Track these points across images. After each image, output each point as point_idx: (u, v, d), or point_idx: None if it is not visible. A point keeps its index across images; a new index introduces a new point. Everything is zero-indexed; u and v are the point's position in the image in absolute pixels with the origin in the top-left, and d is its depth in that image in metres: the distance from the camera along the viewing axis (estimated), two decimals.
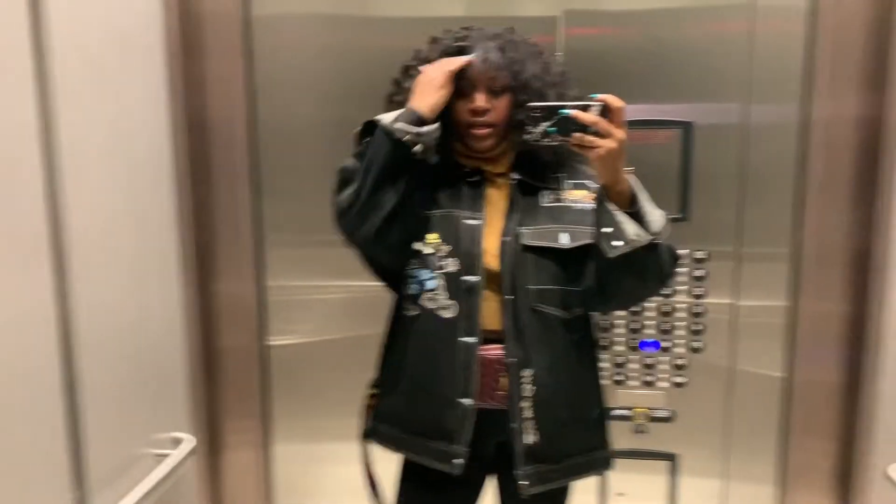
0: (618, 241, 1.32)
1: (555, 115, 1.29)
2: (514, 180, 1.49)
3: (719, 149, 1.89)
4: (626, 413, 2.01)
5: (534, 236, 1.45)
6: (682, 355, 1.98)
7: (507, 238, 1.45)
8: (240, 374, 2.11)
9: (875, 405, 1.80)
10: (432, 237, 1.47)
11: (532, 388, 1.44)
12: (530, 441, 1.45)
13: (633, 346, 1.99)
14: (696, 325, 1.96)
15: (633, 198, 1.35)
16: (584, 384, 1.53)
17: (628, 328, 1.98)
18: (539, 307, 1.45)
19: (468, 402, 1.45)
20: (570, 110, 1.28)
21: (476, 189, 1.49)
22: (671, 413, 2.00)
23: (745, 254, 1.93)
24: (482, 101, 1.43)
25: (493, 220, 1.48)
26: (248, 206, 2.02)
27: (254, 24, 1.96)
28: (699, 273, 1.94)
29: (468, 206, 1.47)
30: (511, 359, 1.44)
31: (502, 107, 1.45)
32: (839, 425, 1.94)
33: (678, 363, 1.98)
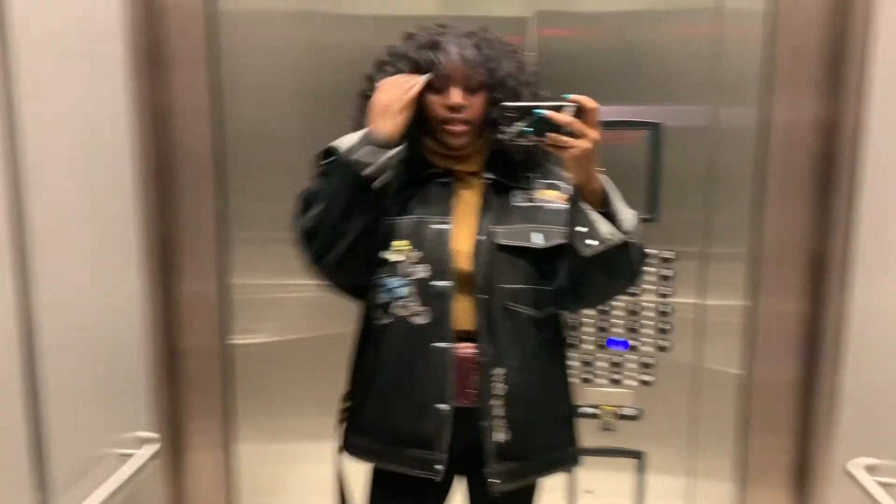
0: (592, 241, 1.33)
1: (529, 115, 1.30)
2: (488, 180, 1.49)
3: (687, 150, 1.92)
4: (594, 411, 2.03)
5: (507, 236, 1.45)
6: (649, 354, 2.00)
7: (481, 237, 1.45)
8: (203, 374, 2.08)
9: (835, 402, 1.84)
10: (401, 244, 1.45)
11: (503, 386, 1.44)
12: (501, 439, 1.45)
13: (602, 344, 2.01)
14: (663, 324, 1.99)
15: (605, 197, 1.36)
16: (554, 382, 1.54)
17: (597, 327, 2.00)
18: (512, 306, 1.45)
19: (445, 407, 1.45)
20: (545, 111, 1.29)
21: (446, 190, 1.49)
22: (638, 411, 2.02)
23: (711, 254, 1.96)
24: (458, 98, 1.43)
25: (465, 220, 1.47)
26: (211, 203, 2.00)
27: (220, 20, 1.94)
28: (666, 273, 1.97)
29: (437, 210, 1.46)
30: (483, 358, 1.44)
31: (478, 104, 1.45)
32: (797, 422, 1.98)
33: (645, 362, 2.00)
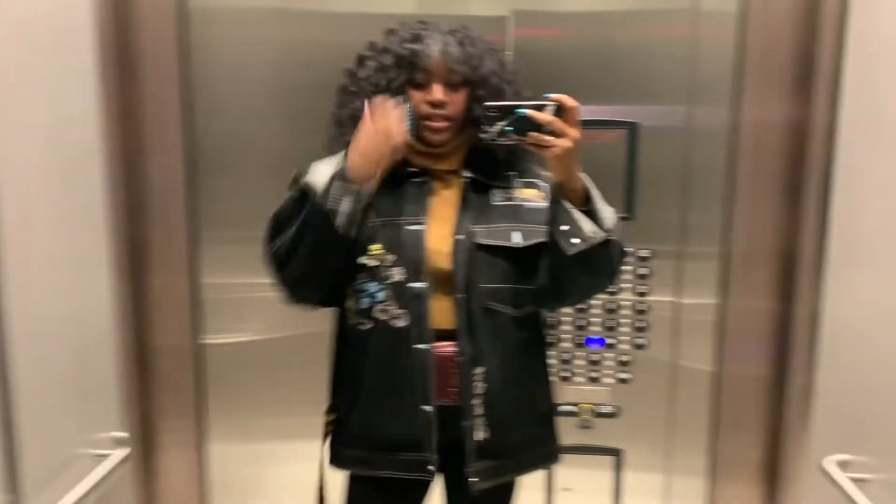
0: (576, 239, 1.34)
1: (511, 114, 1.30)
2: (467, 178, 1.49)
3: (663, 150, 1.93)
4: (572, 409, 2.04)
5: (487, 235, 1.45)
6: (626, 352, 2.02)
7: (460, 237, 1.44)
8: (174, 374, 2.06)
9: (807, 399, 1.87)
10: (375, 248, 1.44)
11: (483, 385, 1.45)
12: (481, 437, 1.46)
13: (580, 342, 2.02)
14: (640, 322, 2.00)
15: (586, 196, 1.37)
16: (534, 381, 1.55)
17: (575, 325, 2.01)
18: (491, 305, 1.46)
19: (429, 408, 1.45)
20: (526, 110, 1.29)
21: (421, 189, 1.48)
22: (616, 409, 2.04)
23: (686, 252, 1.98)
24: (440, 94, 1.42)
25: (442, 219, 1.47)
26: (182, 201, 1.98)
27: (191, 17, 1.92)
28: (643, 271, 1.99)
29: (411, 210, 1.46)
30: (463, 357, 1.44)
31: (459, 101, 1.45)
32: (768, 418, 2.00)
33: (622, 360, 2.02)
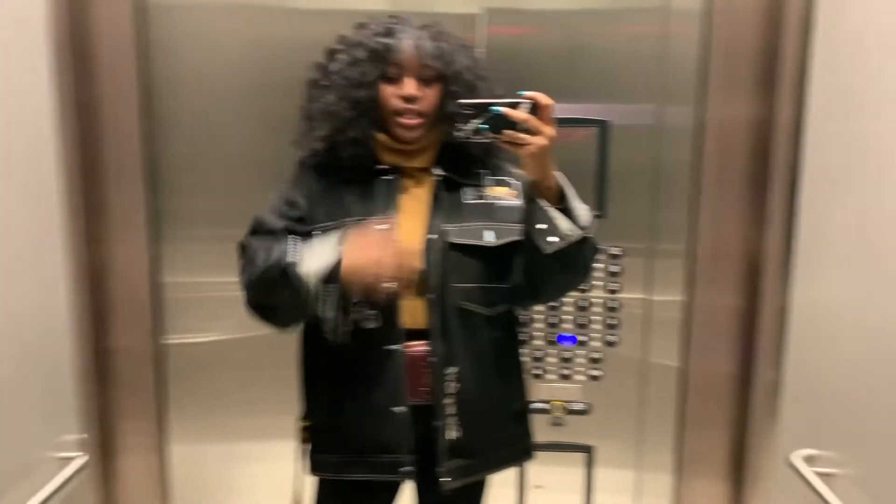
0: (553, 237, 1.34)
1: (485, 112, 1.29)
2: (439, 176, 1.48)
3: (634, 148, 1.94)
4: (544, 406, 2.04)
5: (459, 234, 1.44)
6: (597, 349, 2.03)
7: (432, 236, 1.43)
8: (135, 375, 2.04)
9: (772, 395, 1.90)
10: None
11: (456, 385, 1.44)
12: (453, 437, 1.45)
13: (551, 340, 2.02)
14: (611, 319, 2.01)
15: (561, 194, 1.37)
16: (507, 379, 1.54)
17: (547, 323, 2.02)
18: (463, 305, 1.45)
19: (401, 409, 1.44)
20: (501, 107, 1.28)
21: (390, 188, 1.47)
22: (587, 406, 2.05)
23: (657, 250, 1.99)
24: (413, 89, 1.41)
25: (414, 218, 1.45)
26: (142, 200, 1.95)
27: (150, 12, 1.89)
28: (614, 269, 1.99)
29: (380, 209, 1.44)
30: (435, 357, 1.43)
31: (432, 96, 1.43)
32: (734, 414, 2.02)
33: (594, 357, 2.02)
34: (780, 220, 1.84)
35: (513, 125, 1.28)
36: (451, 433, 1.45)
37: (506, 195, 1.50)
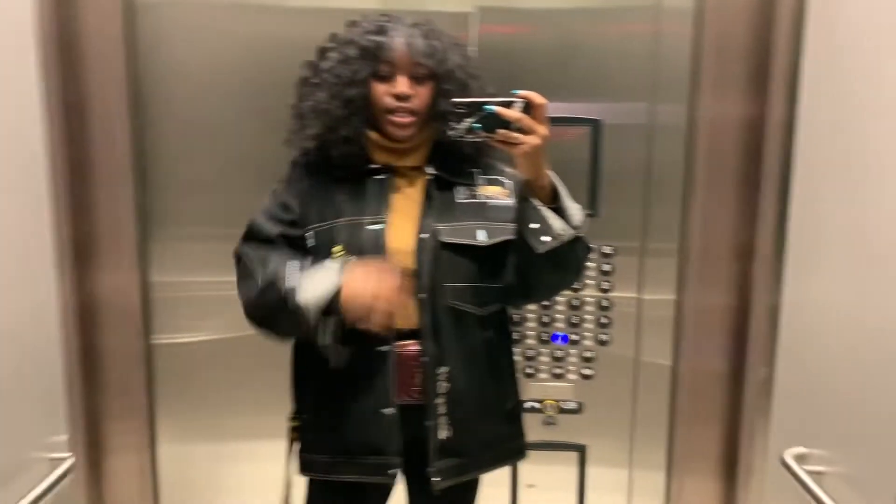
0: (546, 237, 1.33)
1: (478, 111, 1.29)
2: (431, 175, 1.47)
3: (626, 146, 1.94)
4: (536, 405, 2.04)
5: (451, 233, 1.44)
6: (589, 348, 2.02)
7: (424, 235, 1.43)
8: (124, 375, 2.02)
9: (764, 393, 1.90)
10: (337, 250, 1.42)
11: (447, 384, 1.44)
12: (443, 436, 1.45)
13: (544, 339, 2.02)
14: (604, 318, 2.01)
15: (554, 193, 1.36)
16: (499, 378, 1.54)
17: (539, 322, 2.01)
18: (455, 304, 1.44)
19: (391, 411, 1.43)
20: (495, 106, 1.28)
21: (382, 187, 1.46)
22: (579, 405, 2.04)
23: (649, 249, 1.99)
24: (405, 87, 1.40)
25: (406, 217, 1.45)
26: (131, 198, 1.94)
27: (138, 9, 1.88)
28: (606, 268, 1.99)
29: (372, 209, 1.43)
30: (426, 357, 1.43)
31: (424, 94, 1.43)
32: (726, 413, 2.02)
33: (586, 356, 2.02)
34: (772, 218, 1.84)
35: (506, 124, 1.28)
36: (443, 433, 1.44)
37: (498, 194, 1.49)
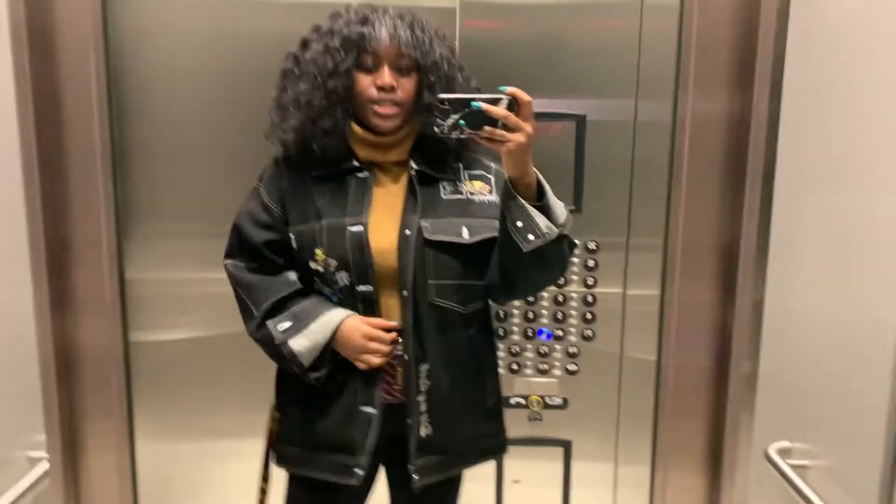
0: (531, 235, 1.32)
1: (464, 107, 1.27)
2: (414, 171, 1.45)
3: (611, 142, 1.93)
4: (521, 401, 2.04)
5: (436, 230, 1.42)
6: (574, 343, 2.02)
7: (407, 232, 1.41)
8: (100, 373, 1.99)
9: (748, 388, 1.91)
10: (319, 254, 1.42)
11: (427, 382, 1.44)
12: (424, 434, 1.45)
13: (528, 335, 2.01)
14: (588, 313, 2.01)
15: (539, 191, 1.35)
16: (480, 375, 1.53)
17: (524, 317, 2.01)
18: (438, 302, 1.44)
19: (370, 410, 1.42)
20: (480, 103, 1.26)
21: (364, 185, 1.44)
22: (564, 400, 2.04)
23: (633, 244, 1.99)
24: (389, 78, 1.38)
25: (388, 214, 1.44)
26: (107, 194, 1.91)
27: (114, 1, 1.85)
28: (591, 263, 1.99)
29: (353, 209, 1.42)
30: (407, 355, 1.42)
31: (409, 86, 1.41)
32: (711, 408, 2.03)
33: (571, 351, 2.02)
34: (756, 214, 1.85)
35: (492, 121, 1.27)
36: (423, 430, 1.44)
37: (482, 190, 1.48)
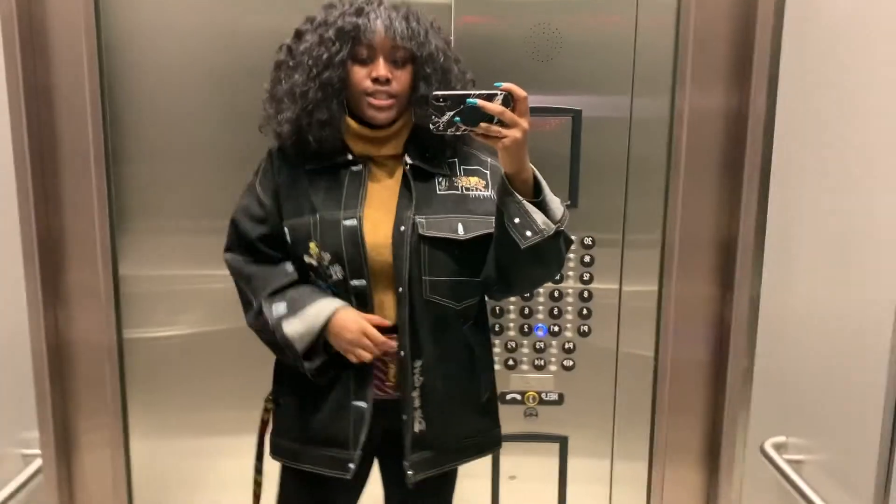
0: (528, 232, 1.31)
1: (459, 104, 1.26)
2: (408, 165, 1.44)
3: (606, 138, 1.92)
4: (517, 397, 2.03)
5: (431, 226, 1.42)
6: (570, 339, 2.02)
7: (402, 228, 1.41)
8: (94, 370, 1.99)
9: (745, 384, 1.91)
10: (312, 247, 1.41)
11: (420, 378, 1.44)
12: (417, 429, 1.45)
13: (525, 330, 2.01)
14: (584, 309, 2.00)
15: (535, 187, 1.34)
16: (475, 370, 1.53)
17: (520, 313, 2.00)
18: (432, 298, 1.43)
19: (363, 404, 1.42)
20: (476, 99, 1.25)
21: (359, 179, 1.44)
22: (560, 396, 2.04)
23: (629, 240, 1.98)
24: (384, 70, 1.38)
25: (383, 209, 1.43)
26: (100, 189, 1.90)
27: None
28: (587, 259, 1.98)
29: (348, 203, 1.41)
30: (401, 351, 1.42)
31: (404, 78, 1.40)
32: (709, 403, 2.03)
33: (567, 347, 2.02)
34: (754, 209, 1.84)
35: (488, 118, 1.26)
36: (417, 426, 1.45)
37: (478, 185, 1.47)
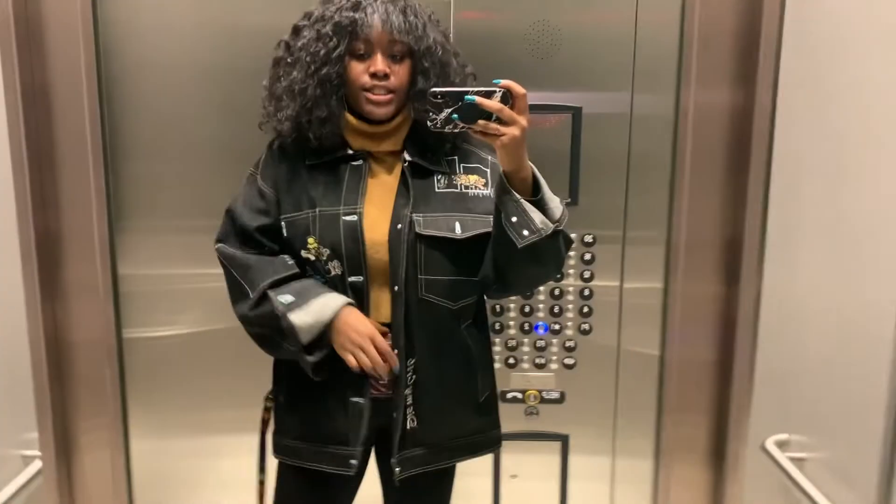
0: (526, 231, 1.30)
1: (458, 101, 1.26)
2: (407, 162, 1.44)
3: (607, 135, 1.92)
4: (518, 395, 2.03)
5: (428, 224, 1.41)
6: (571, 337, 2.01)
7: (399, 226, 1.40)
8: (93, 370, 1.99)
9: (749, 382, 1.90)
10: (311, 242, 1.41)
11: (413, 376, 1.43)
12: (409, 427, 1.45)
13: (525, 329, 2.00)
14: (585, 307, 1.99)
15: (534, 186, 1.34)
16: (472, 369, 1.52)
17: (521, 311, 1.99)
18: (428, 297, 1.43)
19: (360, 400, 1.42)
20: (474, 97, 1.25)
21: (359, 175, 1.43)
22: (561, 394, 2.03)
23: (630, 237, 1.97)
24: (382, 65, 1.37)
25: (381, 206, 1.42)
26: (98, 188, 1.90)
27: None
28: (587, 256, 1.98)
29: (348, 198, 1.41)
30: (397, 349, 1.41)
31: (403, 73, 1.39)
32: (714, 401, 2.02)
33: (568, 345, 2.01)
34: (760, 207, 1.84)
35: (486, 115, 1.25)
36: (409, 424, 1.44)
37: (477, 184, 1.46)
